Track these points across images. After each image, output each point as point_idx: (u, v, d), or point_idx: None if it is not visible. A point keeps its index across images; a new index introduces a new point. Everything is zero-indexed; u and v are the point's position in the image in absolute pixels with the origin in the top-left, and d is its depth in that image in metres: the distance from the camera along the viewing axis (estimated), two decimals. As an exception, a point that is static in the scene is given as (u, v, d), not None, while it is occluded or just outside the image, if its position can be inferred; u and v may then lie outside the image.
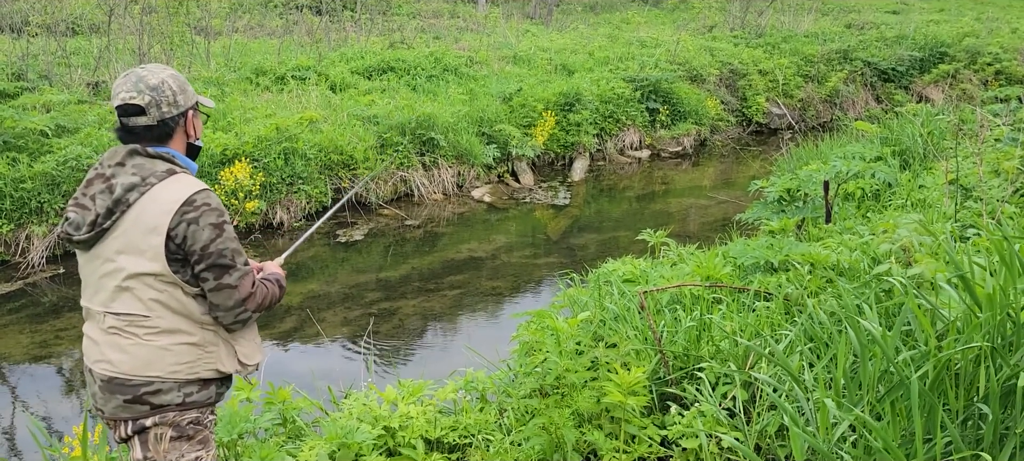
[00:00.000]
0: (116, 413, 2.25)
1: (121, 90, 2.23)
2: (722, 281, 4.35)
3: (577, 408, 3.23)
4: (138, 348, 2.21)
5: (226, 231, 2.23)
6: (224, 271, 2.22)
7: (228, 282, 2.23)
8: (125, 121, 2.25)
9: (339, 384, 4.36)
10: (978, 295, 2.56)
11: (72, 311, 6.54)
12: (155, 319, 2.20)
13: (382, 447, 3.35)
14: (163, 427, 2.25)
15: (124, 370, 2.21)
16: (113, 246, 2.20)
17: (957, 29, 18.22)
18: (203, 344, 2.27)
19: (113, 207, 2.18)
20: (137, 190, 2.18)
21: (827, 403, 2.44)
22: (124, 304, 2.21)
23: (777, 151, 11.65)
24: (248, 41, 15.16)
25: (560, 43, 15.85)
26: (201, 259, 2.19)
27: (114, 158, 2.24)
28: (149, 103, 2.22)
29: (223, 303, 2.24)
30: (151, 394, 2.22)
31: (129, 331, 2.21)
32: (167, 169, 2.24)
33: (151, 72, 2.26)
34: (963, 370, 2.45)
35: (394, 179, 9.58)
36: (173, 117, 2.28)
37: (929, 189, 6.20)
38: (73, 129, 8.36)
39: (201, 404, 2.31)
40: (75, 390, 5.43)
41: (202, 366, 2.27)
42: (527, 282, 7.43)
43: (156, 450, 2.26)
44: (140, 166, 2.21)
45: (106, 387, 2.24)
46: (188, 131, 2.34)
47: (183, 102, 2.30)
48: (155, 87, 2.24)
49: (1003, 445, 2.26)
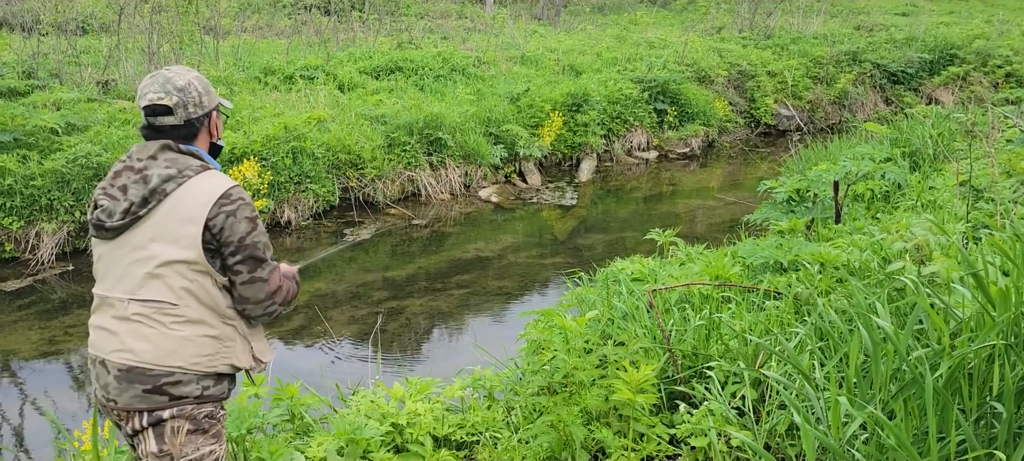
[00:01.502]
0: (132, 404, 2.24)
1: (148, 91, 2.30)
2: (731, 280, 4.33)
3: (585, 406, 3.22)
4: (162, 338, 2.23)
5: (259, 225, 2.33)
6: (258, 265, 2.30)
7: (260, 275, 2.31)
8: (152, 120, 2.32)
9: (347, 382, 4.36)
10: (992, 294, 2.54)
11: (81, 308, 6.56)
12: (182, 308, 2.24)
13: (390, 444, 3.35)
14: (180, 420, 2.26)
15: (147, 359, 2.22)
16: (146, 234, 2.24)
17: (967, 31, 18.13)
18: (223, 338, 2.31)
19: (149, 196, 2.23)
20: (174, 181, 2.24)
21: (840, 400, 2.42)
22: (153, 291, 2.23)
23: (785, 153, 11.60)
24: (257, 41, 15.20)
25: (568, 44, 15.84)
26: (237, 251, 2.27)
27: (145, 151, 2.30)
28: (177, 104, 2.30)
29: (254, 296, 2.32)
30: (171, 385, 2.24)
31: (156, 319, 2.23)
32: (201, 165, 2.32)
33: (177, 74, 2.34)
34: (977, 368, 2.43)
35: (401, 179, 9.58)
36: (198, 117, 2.36)
37: (940, 190, 6.16)
38: (83, 127, 8.39)
39: (215, 398, 2.33)
40: (84, 386, 5.44)
41: (220, 360, 2.31)
42: (534, 282, 7.42)
43: (172, 443, 2.26)
44: (174, 160, 2.28)
45: (124, 377, 2.24)
46: (211, 131, 2.44)
47: (207, 103, 2.39)
48: (182, 88, 2.31)
49: (1017, 443, 2.24)
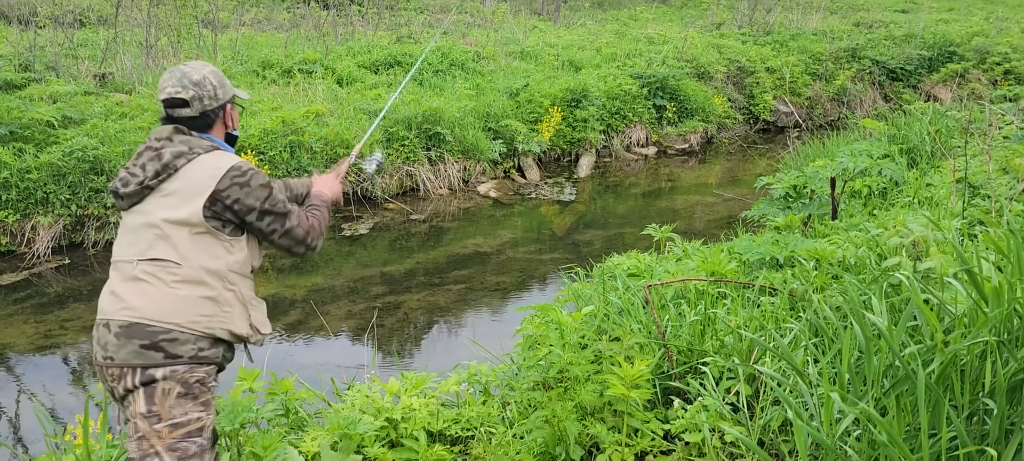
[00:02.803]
0: (128, 359, 2.32)
1: (167, 85, 2.50)
2: (727, 276, 4.33)
3: (580, 401, 3.22)
4: (163, 296, 2.35)
5: (273, 188, 2.52)
6: (284, 217, 2.53)
7: (290, 226, 2.55)
8: (171, 112, 2.52)
9: (342, 376, 4.35)
10: (985, 290, 2.54)
11: (77, 302, 6.55)
12: (185, 268, 2.38)
13: (384, 439, 3.35)
14: (172, 382, 2.32)
15: (147, 315, 2.34)
16: (156, 202, 2.42)
17: (966, 28, 18.11)
18: (221, 301, 2.43)
19: (161, 170, 2.42)
20: (185, 157, 2.43)
21: (833, 397, 2.42)
22: (160, 250, 2.38)
23: (784, 149, 11.60)
24: (255, 34, 15.17)
25: (567, 39, 15.82)
26: (262, 215, 2.48)
27: (162, 134, 2.49)
28: (193, 97, 2.49)
29: (293, 246, 2.59)
30: (168, 342, 2.33)
31: (159, 276, 2.37)
32: (211, 145, 2.50)
33: (194, 69, 2.53)
34: (969, 365, 2.43)
35: (400, 173, 9.57)
36: (213, 109, 2.55)
37: (937, 187, 6.16)
38: (79, 120, 8.37)
39: (210, 362, 2.42)
40: (79, 380, 5.44)
41: (217, 323, 2.42)
42: (532, 277, 7.42)
43: (161, 404, 2.32)
44: (187, 141, 2.48)
45: (124, 332, 2.33)
46: (226, 122, 2.62)
47: (222, 96, 2.57)
48: (198, 82, 2.51)
49: (1009, 440, 2.24)
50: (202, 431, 2.38)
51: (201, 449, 2.37)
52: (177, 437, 2.32)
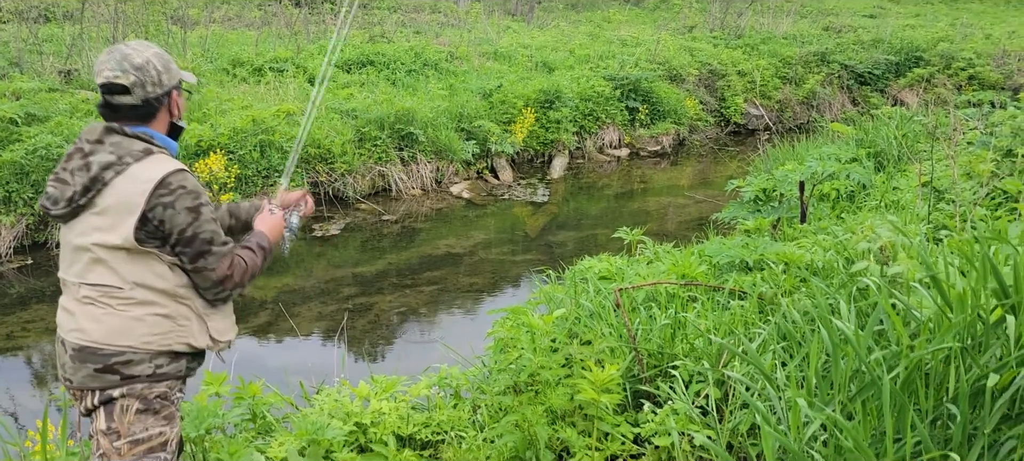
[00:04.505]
0: (85, 383, 2.23)
1: (105, 68, 2.22)
2: (697, 279, 4.35)
3: (550, 405, 3.21)
4: (111, 317, 2.21)
5: (202, 214, 2.23)
6: (199, 256, 2.24)
7: (204, 265, 2.25)
8: (109, 99, 2.24)
9: (312, 380, 4.30)
10: (949, 296, 2.58)
11: (40, 303, 6.41)
12: (128, 291, 2.21)
13: (353, 443, 3.31)
14: (130, 399, 2.23)
15: (96, 339, 2.20)
16: (90, 221, 2.21)
17: (932, 34, 18.44)
18: (176, 317, 2.27)
19: (90, 185, 2.19)
20: (113, 169, 2.18)
21: (799, 402, 2.44)
22: (98, 275, 2.21)
23: (755, 152, 11.71)
24: (226, 32, 14.98)
25: (541, 40, 15.83)
26: (178, 242, 2.22)
27: (92, 134, 2.23)
28: (134, 83, 2.22)
29: (201, 283, 2.28)
30: (122, 364, 2.21)
31: (103, 301, 2.21)
32: (144, 149, 2.23)
33: (136, 51, 2.25)
34: (933, 370, 2.47)
35: (372, 174, 9.51)
36: (157, 97, 2.27)
37: (903, 191, 6.26)
38: (44, 117, 8.20)
39: (171, 377, 2.29)
40: (43, 383, 5.32)
41: (174, 338, 2.27)
42: (505, 279, 7.41)
43: (120, 421, 2.23)
44: (117, 145, 2.21)
45: (77, 356, 2.22)
46: (171, 110, 2.34)
47: (167, 82, 2.29)
48: (140, 66, 2.23)
49: (971, 445, 2.28)
50: (165, 446, 2.29)
51: None
52: (138, 453, 2.24)
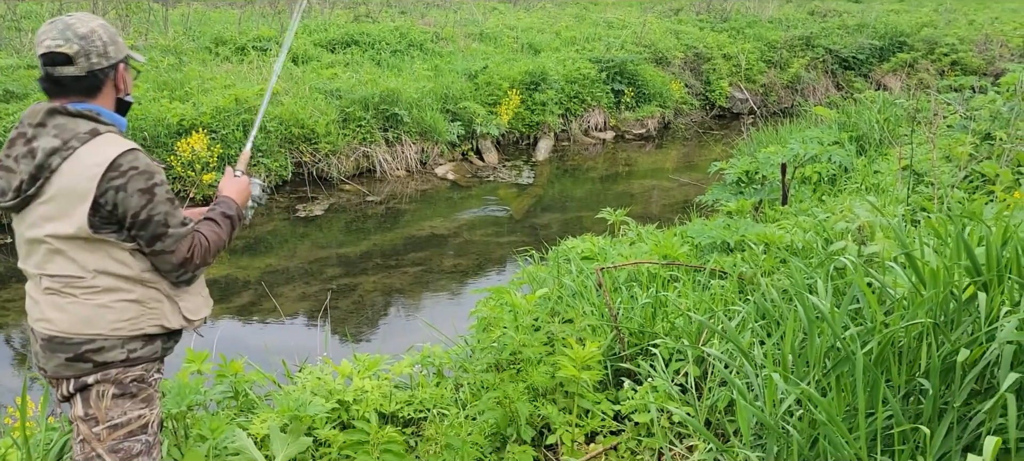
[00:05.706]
0: (58, 372, 2.18)
1: (46, 37, 2.08)
2: (679, 260, 4.39)
3: (532, 383, 3.24)
4: (77, 307, 2.13)
5: (156, 195, 2.12)
6: (156, 239, 2.14)
7: (161, 248, 2.15)
8: (51, 71, 2.10)
9: (295, 359, 4.30)
10: (923, 273, 2.62)
11: (20, 282, 6.35)
12: (91, 279, 2.13)
13: (335, 421, 3.32)
14: (105, 385, 2.19)
15: (64, 329, 2.14)
16: (40, 211, 2.10)
17: (916, 19, 18.56)
18: (145, 300, 2.19)
19: (36, 173, 2.07)
20: (59, 154, 2.06)
21: (775, 378, 2.48)
22: (58, 266, 2.13)
23: (739, 135, 11.76)
24: (208, 10, 14.83)
25: (527, 22, 15.79)
26: (133, 225, 2.11)
27: (35, 117, 2.10)
28: (77, 53, 2.09)
29: (161, 266, 2.19)
30: (93, 352, 2.16)
31: (66, 291, 2.13)
32: (90, 129, 2.10)
33: (79, 20, 2.12)
34: (906, 346, 2.51)
35: (356, 154, 9.47)
36: (103, 69, 2.14)
37: (884, 174, 6.32)
38: (22, 95, 8.11)
39: (147, 359, 2.24)
40: (22, 361, 5.30)
41: (146, 322, 2.20)
42: (489, 260, 7.42)
43: (97, 407, 2.19)
44: (61, 127, 2.08)
45: (47, 346, 2.17)
46: (118, 85, 2.22)
47: (114, 54, 2.17)
48: (84, 35, 2.10)
49: (942, 419, 2.32)
50: (146, 428, 2.26)
51: (147, 446, 2.27)
52: (118, 438, 2.21)
